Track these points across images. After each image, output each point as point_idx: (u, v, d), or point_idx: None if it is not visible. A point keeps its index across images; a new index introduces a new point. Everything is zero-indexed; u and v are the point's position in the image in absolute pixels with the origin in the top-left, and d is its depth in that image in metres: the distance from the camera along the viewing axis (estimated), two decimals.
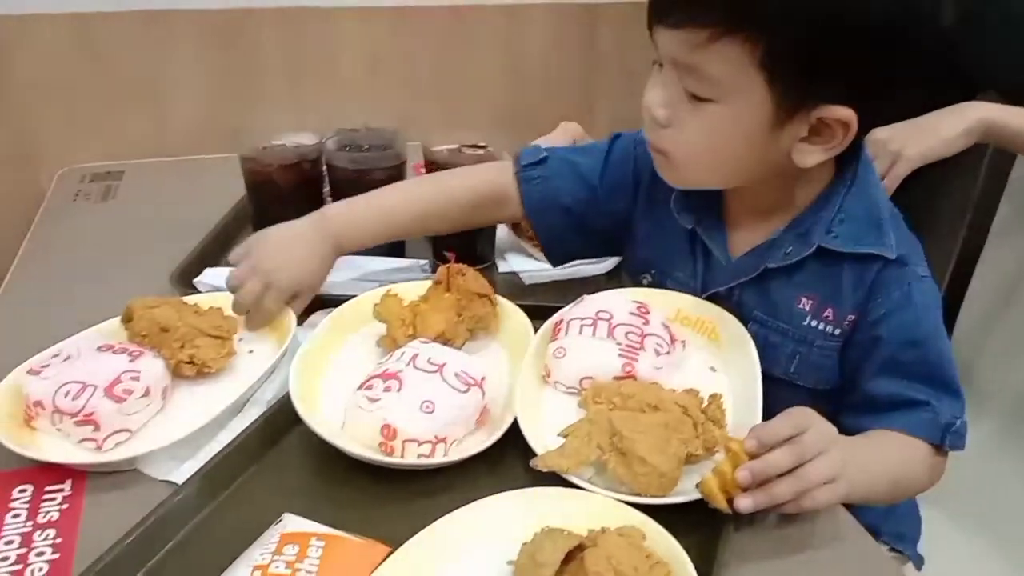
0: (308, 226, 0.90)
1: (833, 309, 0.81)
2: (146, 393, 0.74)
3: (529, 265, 1.09)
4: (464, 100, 1.75)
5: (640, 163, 0.93)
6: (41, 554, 0.64)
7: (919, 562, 1.00)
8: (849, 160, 0.80)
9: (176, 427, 0.73)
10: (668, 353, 0.81)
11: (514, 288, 1.07)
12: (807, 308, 0.82)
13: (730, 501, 0.64)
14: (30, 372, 0.75)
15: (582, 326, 0.81)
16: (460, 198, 0.96)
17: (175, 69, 1.56)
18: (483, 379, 0.76)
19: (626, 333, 0.81)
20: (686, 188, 0.86)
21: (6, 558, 0.63)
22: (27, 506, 0.68)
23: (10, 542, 0.65)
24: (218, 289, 0.97)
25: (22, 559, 0.63)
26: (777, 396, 0.78)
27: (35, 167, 1.51)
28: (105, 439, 0.71)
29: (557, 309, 0.89)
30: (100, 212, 1.28)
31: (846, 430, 0.77)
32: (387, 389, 0.73)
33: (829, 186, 0.81)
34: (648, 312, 0.84)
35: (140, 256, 1.10)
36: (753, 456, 0.64)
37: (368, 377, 0.75)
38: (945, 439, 0.77)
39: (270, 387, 0.82)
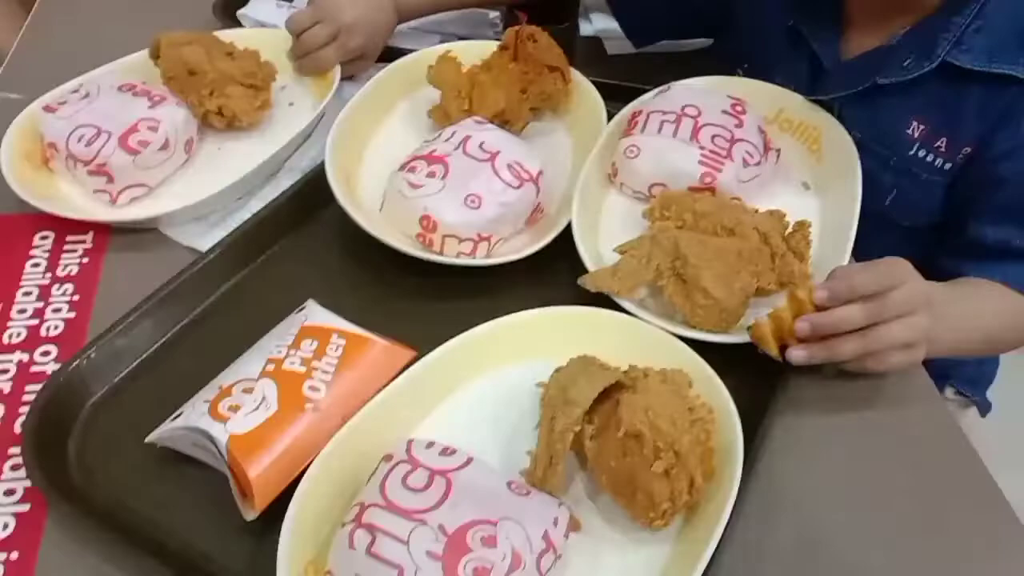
0: None
1: (947, 139, 0.69)
2: (165, 145, 0.68)
3: (618, 28, 0.95)
4: None
5: None
6: (58, 310, 0.62)
7: (985, 407, 0.94)
8: None
9: (200, 186, 0.68)
10: (758, 164, 0.70)
11: (594, 57, 0.94)
12: (917, 134, 0.70)
13: (784, 349, 0.57)
14: (46, 109, 0.69)
15: (663, 122, 0.70)
16: None
17: None
18: (539, 174, 0.67)
19: (713, 136, 0.69)
20: None
21: (23, 310, 0.61)
22: (47, 256, 0.65)
23: (28, 293, 0.63)
24: (263, 24, 0.88)
25: (38, 313, 0.61)
26: (867, 231, 0.69)
27: None
28: (120, 192, 0.67)
29: (641, 92, 0.78)
30: None
31: (941, 273, 0.69)
32: (431, 175, 0.65)
33: None
34: (744, 112, 0.72)
35: None
36: (821, 309, 0.56)
37: (411, 157, 0.67)
38: None
39: (308, 151, 0.74)
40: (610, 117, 0.76)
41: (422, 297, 0.64)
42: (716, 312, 0.59)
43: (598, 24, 0.97)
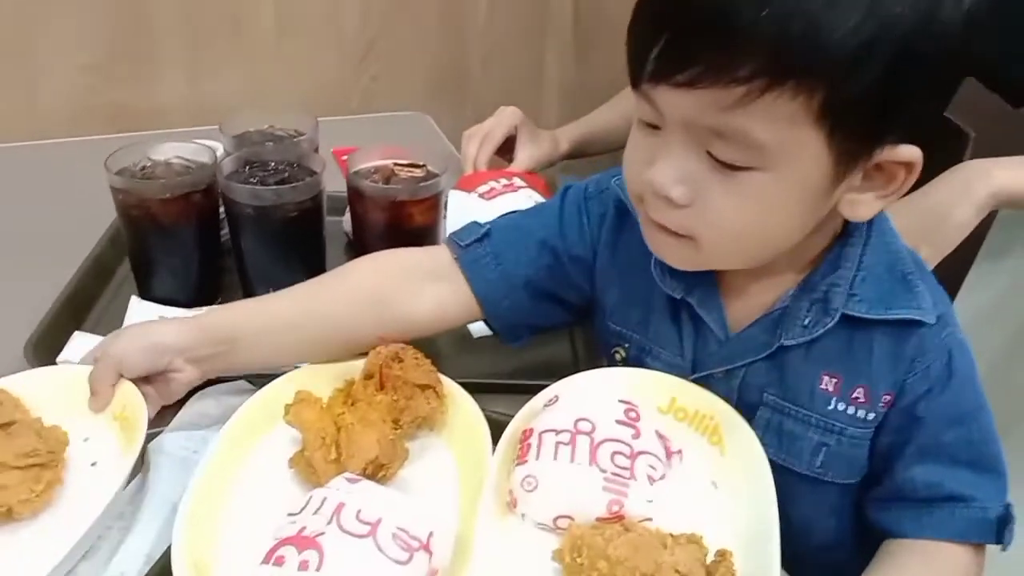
0: (177, 320, 0.74)
1: (864, 389, 0.67)
2: None
3: None
4: (394, 65, 1.51)
5: (593, 218, 0.77)
6: None
7: None
8: None
9: None
10: (663, 477, 0.65)
11: (457, 342, 0.88)
12: (831, 388, 0.67)
13: None
14: None
15: (558, 444, 0.64)
16: (381, 280, 0.76)
17: (49, 28, 1.28)
18: (430, 536, 0.58)
19: (612, 453, 0.63)
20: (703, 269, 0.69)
21: None
22: None
23: None
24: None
25: None
26: (801, 495, 0.67)
27: None
28: None
29: (519, 388, 0.73)
30: None
31: (874, 526, 0.68)
32: (303, 566, 0.54)
33: (842, 236, 0.67)
34: (638, 418, 0.67)
35: None
36: None
37: (278, 542, 0.56)
38: (1003, 536, 0.65)
39: (138, 543, 0.62)
40: (491, 423, 0.69)
41: None
42: None
43: None
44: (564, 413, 0.66)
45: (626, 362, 0.77)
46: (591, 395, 0.69)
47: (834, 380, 0.67)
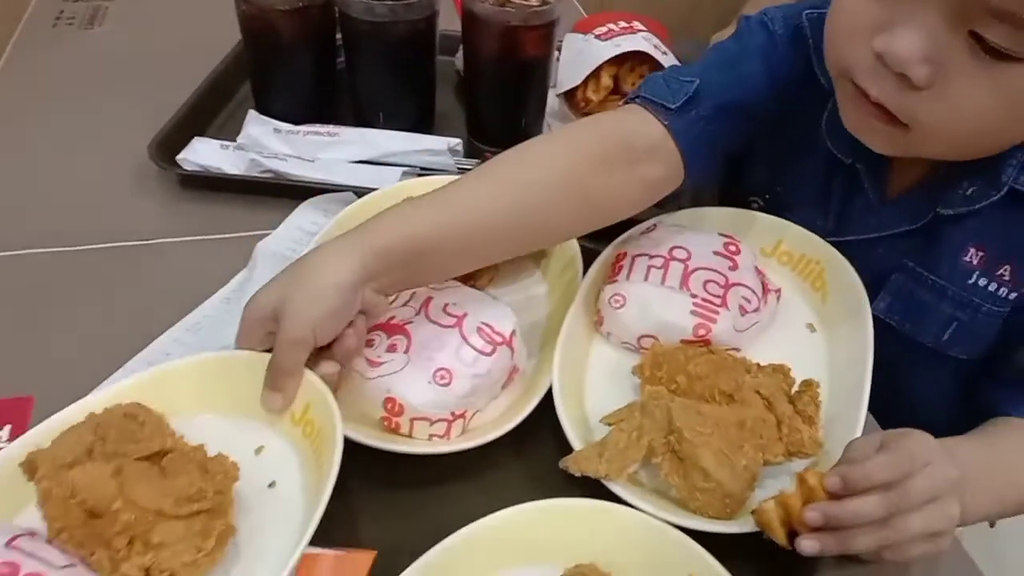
0: (344, 248, 0.58)
1: (1012, 267, 0.66)
2: None
3: None
4: None
5: (796, 68, 0.71)
6: None
7: None
8: None
9: None
10: (756, 310, 0.67)
11: None
12: (976, 262, 0.66)
13: (793, 534, 0.52)
14: None
15: (649, 267, 0.67)
16: (578, 173, 0.63)
17: None
18: (513, 334, 0.62)
19: (705, 282, 0.66)
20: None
21: None
22: None
23: None
24: (207, 169, 0.84)
25: None
26: (918, 366, 0.67)
27: None
28: None
29: (620, 227, 0.75)
30: (81, 43, 1.13)
31: (983, 404, 0.67)
32: (392, 348, 0.60)
33: None
34: (738, 252, 0.68)
35: (122, 106, 0.97)
36: (833, 496, 0.51)
37: (370, 328, 0.62)
38: None
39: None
40: (589, 254, 0.73)
41: (391, 488, 0.59)
42: (719, 497, 0.55)
43: None
44: (660, 240, 0.69)
45: (761, 212, 0.77)
46: (691, 225, 0.71)
47: (980, 254, 0.66)
